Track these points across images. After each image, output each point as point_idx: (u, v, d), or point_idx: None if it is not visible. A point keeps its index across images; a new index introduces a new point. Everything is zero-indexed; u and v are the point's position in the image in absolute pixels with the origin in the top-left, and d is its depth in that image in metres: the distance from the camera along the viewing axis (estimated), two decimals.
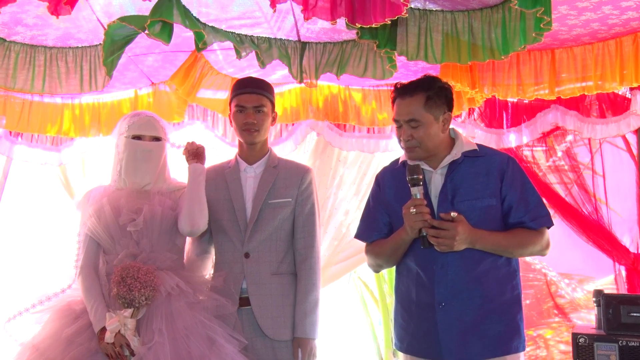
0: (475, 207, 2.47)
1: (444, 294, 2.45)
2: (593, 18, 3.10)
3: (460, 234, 2.37)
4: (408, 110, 2.52)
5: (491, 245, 2.45)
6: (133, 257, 2.71)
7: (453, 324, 2.43)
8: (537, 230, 2.52)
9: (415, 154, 2.55)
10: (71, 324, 2.64)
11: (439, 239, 2.38)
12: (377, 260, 2.69)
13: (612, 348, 3.25)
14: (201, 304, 2.70)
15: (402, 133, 2.56)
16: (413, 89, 2.54)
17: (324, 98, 4.06)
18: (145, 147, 2.82)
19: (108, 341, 2.51)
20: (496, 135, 4.05)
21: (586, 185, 3.98)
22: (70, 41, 3.32)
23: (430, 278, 2.48)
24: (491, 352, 2.43)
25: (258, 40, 3.30)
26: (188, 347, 2.52)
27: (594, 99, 3.84)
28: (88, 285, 2.71)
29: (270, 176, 2.94)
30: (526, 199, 2.52)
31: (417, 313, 2.52)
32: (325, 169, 4.18)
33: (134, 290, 2.54)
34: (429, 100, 2.52)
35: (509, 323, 2.47)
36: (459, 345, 2.43)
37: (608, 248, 3.88)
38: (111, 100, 4.00)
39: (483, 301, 2.45)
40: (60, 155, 4.11)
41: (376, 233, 2.67)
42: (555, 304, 4.03)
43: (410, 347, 2.57)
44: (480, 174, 2.53)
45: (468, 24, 2.91)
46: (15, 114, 3.87)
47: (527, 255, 2.66)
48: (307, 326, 2.83)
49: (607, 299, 3.38)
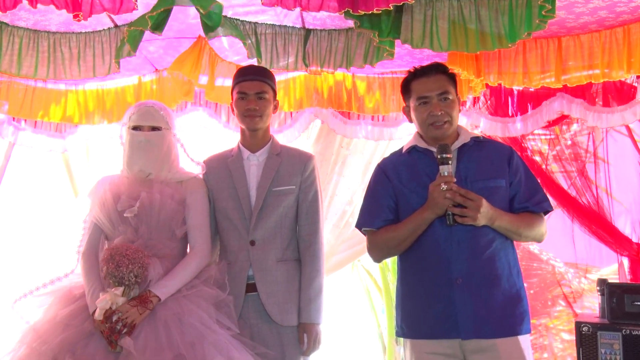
0: (488, 186, 2.52)
1: (461, 270, 2.46)
2: (601, 6, 3.08)
3: (484, 207, 2.40)
4: (440, 85, 2.57)
5: (507, 224, 2.49)
6: (130, 243, 2.69)
7: (469, 301, 2.45)
8: (539, 215, 2.58)
9: (444, 130, 2.58)
10: (68, 307, 2.65)
11: (464, 209, 2.40)
12: (387, 244, 2.64)
13: (616, 337, 3.25)
14: (196, 292, 2.69)
15: (433, 108, 2.57)
16: (435, 68, 2.62)
17: (328, 86, 4.05)
18: (142, 137, 2.81)
19: (97, 318, 2.51)
20: (501, 123, 4.03)
21: (589, 175, 3.97)
22: (73, 26, 3.31)
23: (443, 256, 2.49)
24: (505, 331, 2.45)
25: (262, 28, 3.29)
26: (180, 333, 2.52)
27: (599, 88, 3.82)
28: (87, 268, 2.73)
29: (274, 164, 2.94)
30: (530, 185, 2.59)
31: (431, 294, 2.51)
32: (327, 155, 4.18)
33: (122, 266, 2.54)
34: (451, 79, 2.62)
35: (520, 305, 2.51)
36: (475, 323, 2.44)
37: (610, 240, 3.88)
38: (115, 86, 4.00)
39: (498, 280, 2.48)
40: (64, 142, 4.13)
41: (381, 219, 2.65)
42: (564, 293, 4.02)
43: (423, 331, 2.55)
44: (488, 157, 2.59)
45: (475, 12, 2.90)
46: (19, 100, 3.87)
47: (531, 239, 2.68)
48: (312, 312, 2.85)
49: (611, 288, 3.38)
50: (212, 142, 4.04)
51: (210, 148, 3.40)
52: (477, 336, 2.44)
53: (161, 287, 2.63)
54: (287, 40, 3.39)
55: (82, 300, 2.67)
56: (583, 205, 3.94)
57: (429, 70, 2.60)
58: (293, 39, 3.39)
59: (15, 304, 2.75)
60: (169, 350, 2.45)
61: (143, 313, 2.55)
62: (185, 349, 2.47)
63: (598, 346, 3.26)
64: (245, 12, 3.18)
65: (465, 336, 2.45)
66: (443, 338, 2.49)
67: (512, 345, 2.45)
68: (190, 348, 2.48)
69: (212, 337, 2.55)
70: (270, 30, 3.35)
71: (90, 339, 2.53)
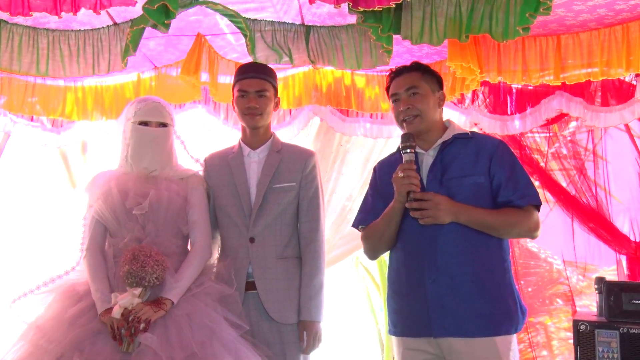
0: (463, 184, 2.50)
1: (434, 269, 2.45)
2: (600, 4, 3.08)
3: (442, 203, 2.41)
4: (407, 81, 2.61)
5: (476, 219, 2.45)
6: (138, 241, 2.70)
7: (443, 299, 2.43)
8: (525, 210, 2.51)
9: (415, 125, 2.59)
10: (74, 305, 2.63)
11: (423, 211, 2.41)
12: (371, 240, 2.68)
13: (613, 335, 3.24)
14: (204, 290, 2.69)
15: (401, 104, 2.61)
16: (408, 68, 2.66)
17: (327, 83, 4.04)
18: (152, 133, 2.81)
19: (116, 316, 2.49)
20: (500, 121, 4.02)
21: (588, 173, 3.97)
22: (72, 24, 3.30)
23: (420, 254, 2.49)
24: (479, 331, 2.41)
25: (261, 25, 3.29)
26: (191, 332, 2.51)
27: (598, 86, 3.81)
28: (95, 266, 2.70)
29: (274, 161, 2.94)
30: (515, 178, 2.52)
31: (408, 292, 2.53)
32: (327, 153, 4.18)
33: (147, 267, 2.54)
34: (425, 75, 2.64)
35: (500, 305, 2.45)
36: (449, 322, 2.42)
37: (608, 238, 3.88)
38: (114, 83, 3.99)
39: (474, 278, 2.44)
40: (59, 138, 4.10)
41: (372, 218, 2.68)
42: (568, 291, 4.02)
43: (403, 328, 2.58)
44: (471, 154, 2.55)
45: (471, 7, 2.91)
46: (19, 96, 3.86)
47: (515, 236, 2.66)
48: (312, 309, 2.85)
49: (608, 286, 3.38)
50: (211, 139, 4.04)
51: (210, 145, 3.41)
52: (450, 334, 2.43)
53: (172, 290, 2.62)
54: (286, 36, 3.39)
55: (87, 298, 2.66)
56: (582, 203, 3.93)
57: (403, 70, 2.65)
58: (292, 35, 3.39)
59: (13, 304, 2.73)
60: (180, 350, 2.45)
61: (157, 312, 2.54)
62: (196, 348, 2.46)
63: (595, 344, 3.26)
64: (244, 9, 3.18)
65: (437, 334, 2.44)
66: (418, 336, 2.51)
67: (487, 345, 2.41)
68: (201, 347, 2.48)
69: (221, 335, 2.55)
70: (270, 27, 3.35)
71: (97, 337, 2.52)
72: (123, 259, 2.60)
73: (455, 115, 4.05)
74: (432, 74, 2.66)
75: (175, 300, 2.60)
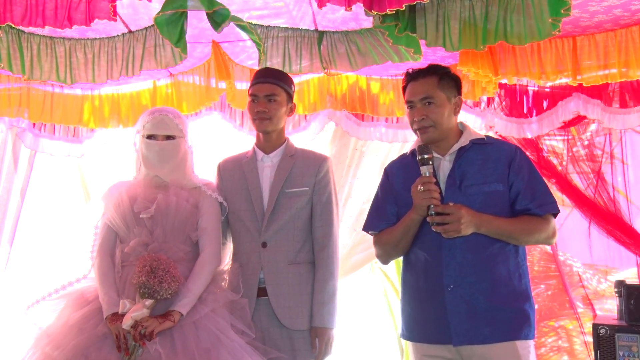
0: (482, 191, 2.49)
1: (452, 277, 2.45)
2: (615, 4, 3.05)
3: (465, 216, 2.39)
4: (423, 89, 2.57)
5: (496, 229, 2.45)
6: (145, 246, 2.71)
7: (462, 307, 2.43)
8: (543, 217, 2.51)
9: (429, 134, 2.57)
10: (80, 310, 2.66)
11: (445, 226, 2.39)
12: (386, 247, 2.67)
13: (634, 339, 3.21)
14: (211, 296, 2.69)
15: (415, 114, 2.59)
16: (425, 71, 2.61)
17: (342, 88, 4.05)
18: (157, 146, 2.82)
19: (126, 327, 2.49)
20: (516, 124, 3.98)
21: (606, 176, 3.92)
22: (88, 33, 3.35)
23: (438, 261, 2.48)
24: (500, 336, 2.42)
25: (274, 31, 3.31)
26: (195, 339, 2.51)
27: (616, 88, 3.77)
28: (104, 270, 2.72)
29: (287, 165, 2.94)
30: (533, 186, 2.52)
31: (426, 299, 2.52)
32: (342, 157, 4.17)
33: (164, 283, 2.54)
34: (442, 81, 2.59)
35: (518, 310, 2.46)
36: (468, 329, 2.42)
37: (627, 241, 3.82)
38: (130, 91, 4.04)
39: (492, 286, 2.44)
40: (82, 147, 4.18)
41: (384, 222, 2.67)
42: (585, 295, 3.97)
43: (420, 334, 2.57)
44: (488, 160, 2.54)
45: (485, 11, 2.89)
46: (39, 106, 3.94)
47: (533, 243, 2.65)
48: (325, 315, 2.82)
49: (628, 289, 3.34)
50: (227, 146, 4.06)
51: (225, 151, 3.42)
52: (470, 342, 2.42)
53: (181, 302, 2.60)
54: (299, 43, 3.40)
55: (94, 303, 2.68)
56: (600, 206, 3.89)
57: (419, 74, 2.61)
58: (306, 42, 3.40)
59: (28, 310, 2.76)
60: (184, 358, 2.45)
61: (163, 323, 2.53)
62: (200, 356, 2.46)
63: (616, 348, 3.23)
64: (259, 16, 3.19)
65: (457, 342, 2.43)
66: (436, 343, 2.49)
67: (508, 350, 2.42)
68: (205, 355, 2.48)
69: (227, 343, 2.55)
70: (283, 34, 3.36)
71: (103, 342, 2.53)
72: (138, 268, 2.59)
73: (471, 118, 4.02)
74: (450, 77, 2.62)
75: (185, 312, 2.59)
